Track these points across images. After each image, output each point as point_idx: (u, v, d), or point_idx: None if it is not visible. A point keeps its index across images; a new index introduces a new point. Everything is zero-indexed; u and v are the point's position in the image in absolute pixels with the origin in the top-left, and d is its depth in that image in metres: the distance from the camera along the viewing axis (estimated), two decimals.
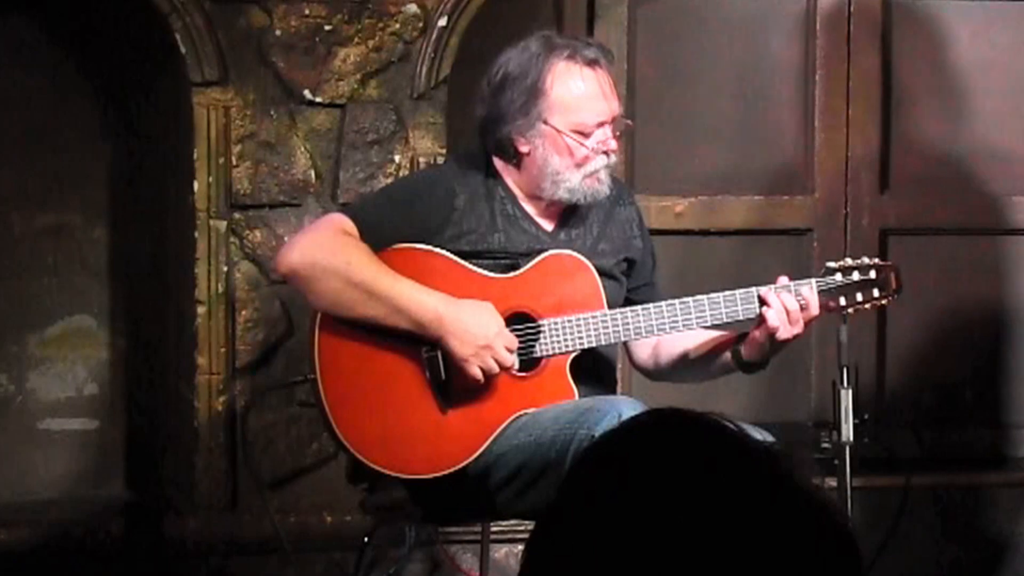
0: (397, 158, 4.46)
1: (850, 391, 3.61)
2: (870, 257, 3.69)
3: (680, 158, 4.90)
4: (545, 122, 3.53)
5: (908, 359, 5.00)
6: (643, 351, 3.77)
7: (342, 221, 3.52)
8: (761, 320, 3.52)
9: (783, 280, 3.55)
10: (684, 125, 4.89)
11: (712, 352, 3.67)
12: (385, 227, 3.53)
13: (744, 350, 3.58)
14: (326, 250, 3.47)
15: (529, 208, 3.63)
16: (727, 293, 3.54)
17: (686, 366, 3.73)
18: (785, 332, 3.50)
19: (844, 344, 3.64)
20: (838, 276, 3.60)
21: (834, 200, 4.94)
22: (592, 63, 3.55)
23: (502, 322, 3.49)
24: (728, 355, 3.62)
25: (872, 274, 3.62)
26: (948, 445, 4.96)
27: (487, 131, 3.60)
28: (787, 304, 3.50)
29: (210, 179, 4.41)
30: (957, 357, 5.01)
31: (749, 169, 4.93)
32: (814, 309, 3.53)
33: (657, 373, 3.80)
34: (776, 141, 4.94)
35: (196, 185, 4.41)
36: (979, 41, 4.97)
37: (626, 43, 4.81)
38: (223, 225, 4.43)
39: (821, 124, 4.92)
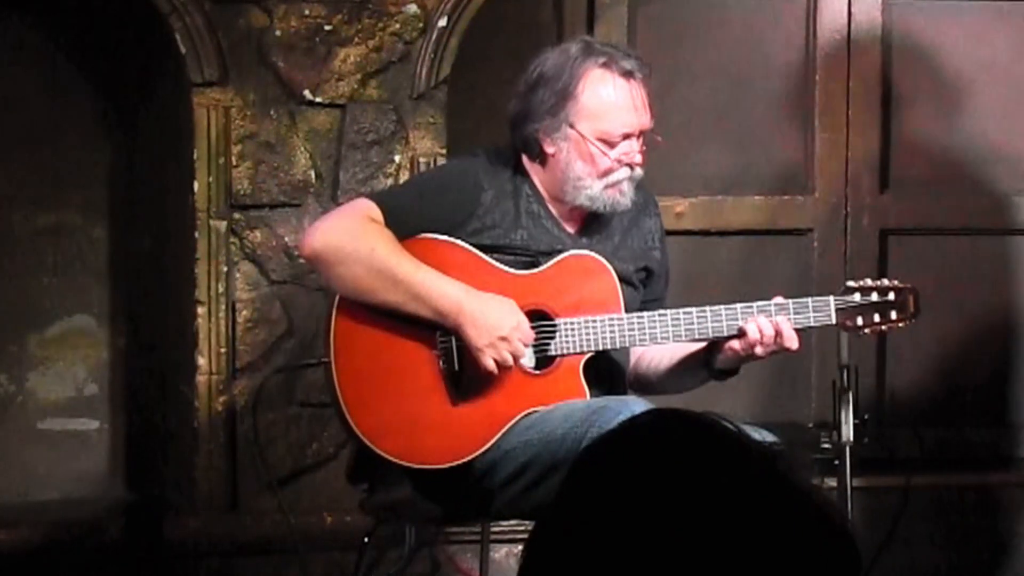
0: (397, 158, 4.46)
1: (850, 391, 3.61)
2: (880, 265, 3.69)
3: (680, 158, 4.90)
4: (572, 126, 3.54)
5: (908, 359, 5.00)
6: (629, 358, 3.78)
7: (368, 207, 3.53)
8: (742, 334, 3.51)
9: (778, 299, 3.55)
10: (685, 125, 4.89)
11: (684, 360, 3.67)
12: (410, 216, 3.54)
13: (719, 359, 3.57)
14: (350, 235, 3.49)
15: (553, 209, 3.64)
16: (745, 304, 3.54)
17: (660, 373, 3.73)
18: (761, 351, 3.51)
19: (844, 344, 3.64)
20: (857, 296, 3.60)
21: (834, 200, 4.94)
22: (627, 74, 3.55)
23: (522, 316, 3.50)
24: (700, 363, 3.62)
25: (891, 296, 3.61)
26: (948, 445, 4.96)
27: (516, 127, 3.61)
28: (763, 329, 3.50)
29: (210, 179, 4.41)
30: (957, 357, 5.01)
31: (749, 169, 4.93)
32: (788, 342, 3.51)
33: (636, 380, 3.80)
34: (776, 141, 4.94)
35: (196, 185, 4.41)
36: (978, 41, 4.97)
37: (626, 43, 4.81)
38: (223, 225, 4.43)
39: (821, 124, 4.92)
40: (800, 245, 4.93)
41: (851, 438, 3.59)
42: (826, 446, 3.62)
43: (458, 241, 3.55)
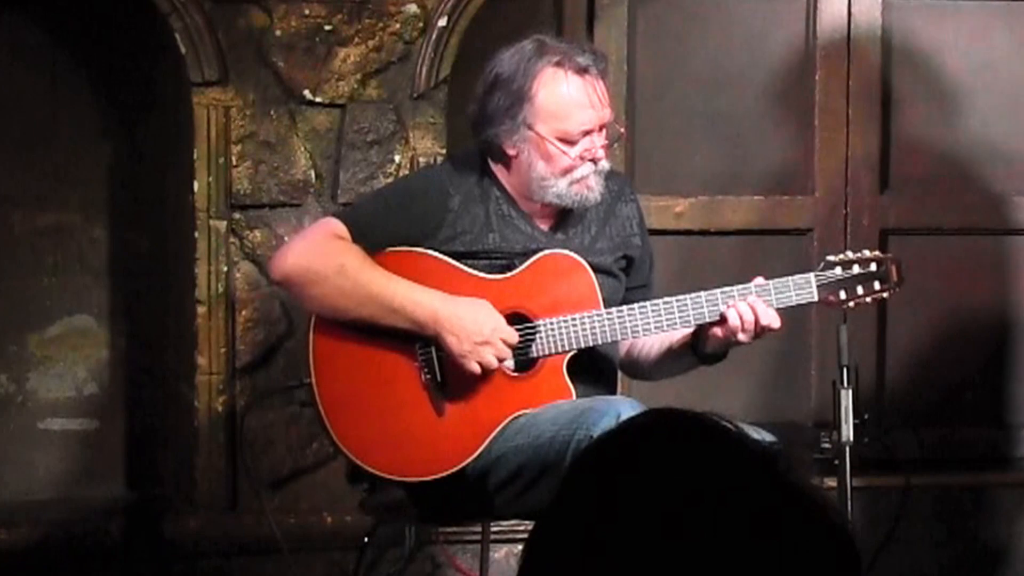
0: (397, 158, 4.46)
1: (850, 391, 3.60)
2: (870, 250, 3.67)
3: (680, 158, 4.90)
4: (530, 127, 3.52)
5: (908, 359, 5.00)
6: (620, 346, 3.77)
7: (334, 225, 3.52)
8: (723, 320, 3.51)
9: (759, 280, 3.54)
10: (684, 125, 4.89)
11: (672, 346, 3.66)
12: (377, 230, 3.53)
13: (705, 344, 3.56)
14: (319, 255, 3.48)
15: (524, 208, 3.62)
16: (725, 289, 3.53)
17: (650, 360, 3.72)
18: (744, 337, 3.50)
19: (844, 344, 3.63)
20: (838, 270, 3.58)
21: (834, 200, 4.94)
22: (582, 70, 3.52)
23: (500, 318, 3.49)
24: (687, 349, 3.61)
25: (872, 267, 3.60)
26: (948, 445, 4.96)
27: (477, 131, 3.60)
28: (743, 314, 3.49)
29: (210, 179, 4.41)
30: (957, 357, 5.01)
31: (749, 169, 4.93)
32: (766, 320, 3.50)
33: (630, 367, 3.80)
34: (776, 141, 4.94)
35: (196, 185, 4.41)
36: (978, 41, 4.97)
37: (626, 43, 4.81)
38: (223, 225, 4.43)
39: (821, 124, 4.92)
40: (800, 245, 4.93)
41: (851, 438, 3.58)
42: (826, 446, 3.61)
43: (429, 251, 3.54)
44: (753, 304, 3.49)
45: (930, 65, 4.96)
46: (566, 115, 3.51)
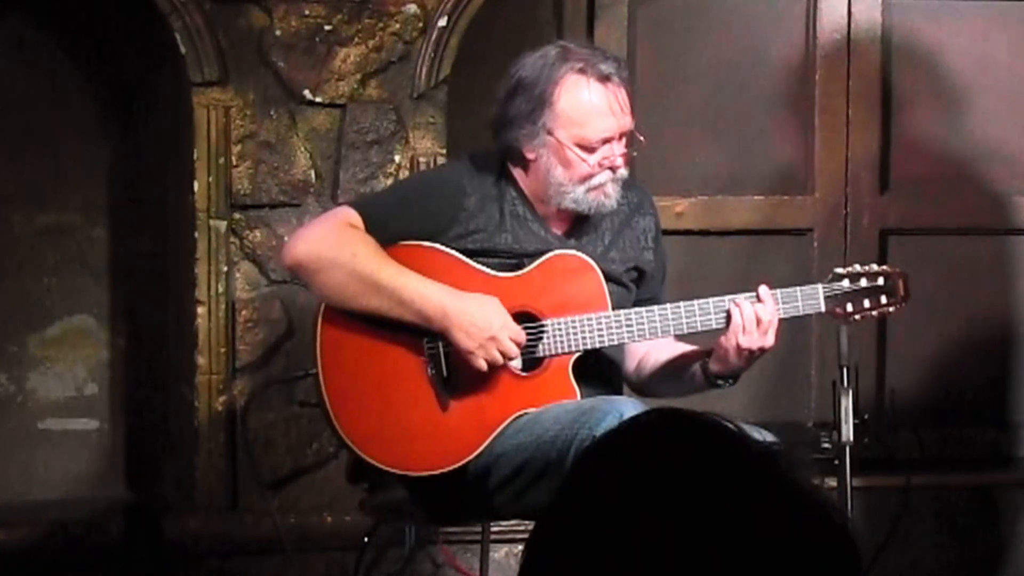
0: (397, 158, 4.46)
1: (850, 391, 3.60)
2: (878, 263, 3.67)
3: (680, 158, 4.90)
4: (550, 133, 3.52)
5: (908, 359, 5.00)
6: (630, 362, 3.76)
7: (348, 214, 3.53)
8: (728, 321, 3.50)
9: (763, 288, 3.53)
10: (684, 125, 4.89)
11: (684, 366, 3.65)
12: (391, 223, 3.53)
13: (712, 364, 3.57)
14: (331, 242, 3.48)
15: (540, 211, 3.62)
16: (731, 296, 3.53)
17: (663, 379, 3.71)
18: (746, 340, 3.49)
19: (844, 344, 3.63)
20: (845, 282, 3.58)
21: (834, 200, 4.94)
22: (604, 78, 3.52)
23: (508, 316, 3.49)
24: (697, 368, 3.61)
25: (880, 281, 3.60)
26: (949, 445, 4.96)
27: (498, 133, 3.59)
28: (745, 313, 3.49)
29: (210, 179, 4.41)
30: (957, 357, 5.01)
31: (749, 169, 4.93)
32: (768, 318, 3.49)
33: (639, 385, 3.79)
34: (776, 141, 4.94)
35: (196, 185, 4.41)
36: (978, 41, 4.97)
37: (626, 43, 4.81)
38: (223, 225, 4.43)
39: (821, 124, 4.92)
40: (800, 245, 4.94)
41: (851, 438, 3.58)
42: (826, 446, 3.61)
43: (441, 246, 3.54)
44: (755, 303, 3.49)
45: (930, 65, 4.96)
46: (586, 122, 3.51)
